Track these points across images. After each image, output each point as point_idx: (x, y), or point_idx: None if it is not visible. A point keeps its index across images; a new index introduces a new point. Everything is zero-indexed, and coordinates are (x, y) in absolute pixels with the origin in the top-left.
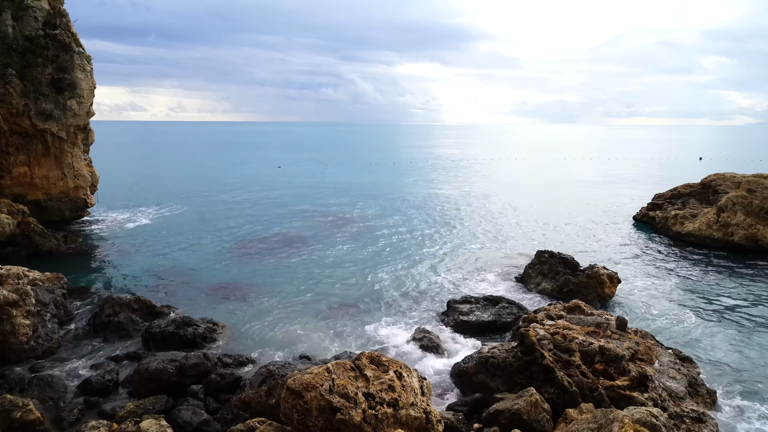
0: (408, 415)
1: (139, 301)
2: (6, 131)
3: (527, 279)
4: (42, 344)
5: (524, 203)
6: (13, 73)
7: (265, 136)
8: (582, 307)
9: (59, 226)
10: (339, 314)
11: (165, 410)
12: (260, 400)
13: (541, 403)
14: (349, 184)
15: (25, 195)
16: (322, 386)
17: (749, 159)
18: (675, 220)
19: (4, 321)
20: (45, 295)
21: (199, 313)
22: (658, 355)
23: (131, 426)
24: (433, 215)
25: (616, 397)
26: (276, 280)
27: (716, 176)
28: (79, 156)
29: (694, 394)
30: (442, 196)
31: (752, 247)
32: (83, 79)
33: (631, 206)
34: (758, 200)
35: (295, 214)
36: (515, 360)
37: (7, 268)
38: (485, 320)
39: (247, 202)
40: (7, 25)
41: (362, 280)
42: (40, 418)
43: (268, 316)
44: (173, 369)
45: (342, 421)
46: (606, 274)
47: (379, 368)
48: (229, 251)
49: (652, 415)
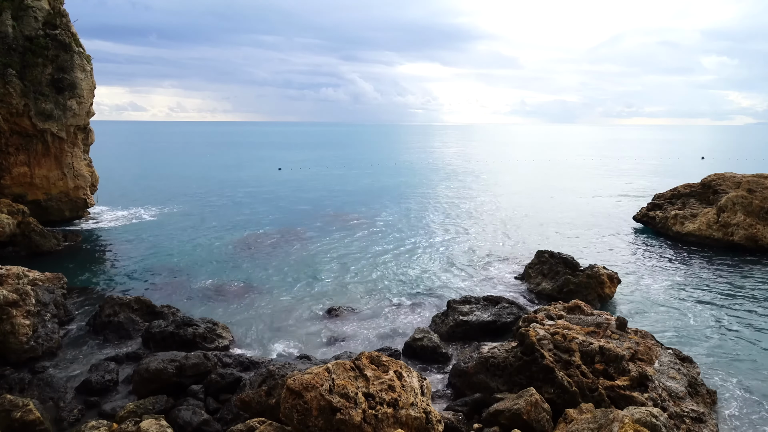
0: (408, 415)
1: (139, 301)
2: (6, 131)
3: (527, 279)
4: (42, 344)
5: (524, 203)
6: (13, 73)
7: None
8: (582, 307)
9: (59, 226)
10: (339, 314)
11: (165, 410)
12: (260, 400)
13: (541, 403)
14: (350, 184)
15: (25, 195)
16: (322, 386)
17: (749, 159)
18: (675, 220)
19: (4, 321)
20: (45, 295)
21: (199, 313)
22: (658, 355)
23: (131, 426)
24: (433, 215)
25: (616, 397)
26: (276, 280)
27: (716, 176)
28: (79, 156)
29: (694, 394)
30: (442, 197)
31: (752, 247)
32: (83, 79)
33: (631, 206)
34: (758, 200)
35: (295, 214)
36: (515, 360)
37: (7, 268)
38: (485, 320)
39: (248, 202)
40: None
41: (362, 280)
42: (40, 418)
43: (268, 316)
44: (173, 369)
45: (342, 421)
46: (606, 274)
47: (379, 368)
48: (229, 251)
49: (652, 415)
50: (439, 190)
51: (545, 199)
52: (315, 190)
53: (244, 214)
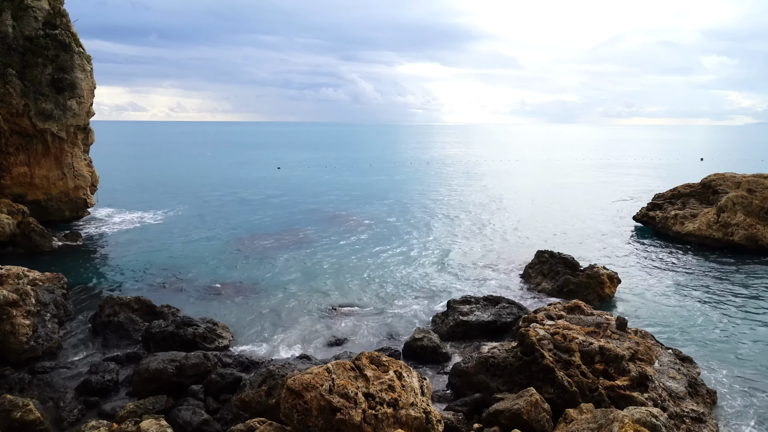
0: (408, 415)
1: (139, 301)
2: (6, 131)
3: (527, 279)
4: (42, 344)
5: (524, 203)
6: (13, 73)
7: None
8: (582, 307)
9: (59, 226)
10: (339, 314)
11: (165, 410)
12: (260, 400)
13: (541, 403)
14: (349, 184)
15: (25, 195)
16: (322, 386)
17: (749, 159)
18: (675, 220)
19: (4, 321)
20: (45, 295)
21: (199, 313)
22: (658, 355)
23: (131, 426)
24: (432, 215)
25: (616, 397)
26: (276, 280)
27: (716, 176)
28: (79, 156)
29: (694, 394)
30: (442, 197)
31: (752, 247)
32: (83, 79)
33: (631, 206)
34: (758, 200)
35: (295, 214)
36: (515, 360)
37: (7, 268)
38: (485, 320)
39: (247, 202)
40: (7, 25)
41: (362, 279)
42: (40, 418)
43: (268, 316)
44: (173, 369)
45: (342, 421)
46: (606, 274)
47: (379, 368)
48: (229, 251)
49: (652, 415)
50: (439, 190)
51: (545, 199)
52: (315, 190)
53: (243, 214)
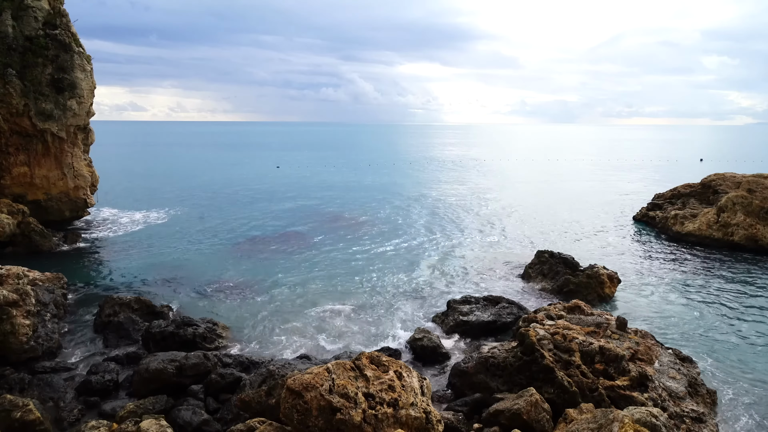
0: (408, 415)
1: (139, 301)
2: (6, 131)
3: (527, 279)
4: (42, 344)
5: (524, 203)
6: (13, 73)
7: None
8: (582, 307)
9: (59, 226)
10: (339, 314)
11: (165, 410)
12: (260, 400)
13: (541, 403)
14: (350, 183)
15: (25, 195)
16: (322, 386)
17: (749, 159)
18: (675, 220)
19: (4, 321)
20: (45, 295)
21: (199, 313)
22: (658, 355)
23: (131, 426)
24: (433, 215)
25: (616, 397)
26: (276, 280)
27: (716, 176)
28: (79, 156)
29: (694, 394)
30: (442, 196)
31: (752, 247)
32: (83, 79)
33: (631, 206)
34: (758, 200)
35: (295, 214)
36: (515, 360)
37: (7, 268)
38: (485, 320)
39: (247, 202)
40: (7, 25)
41: (362, 280)
42: (40, 418)
43: (268, 315)
44: (173, 369)
45: (342, 421)
46: (606, 274)
47: (379, 368)
48: (229, 251)
49: (652, 415)
50: (439, 190)
51: (545, 199)
52: (315, 190)
53: (243, 214)
